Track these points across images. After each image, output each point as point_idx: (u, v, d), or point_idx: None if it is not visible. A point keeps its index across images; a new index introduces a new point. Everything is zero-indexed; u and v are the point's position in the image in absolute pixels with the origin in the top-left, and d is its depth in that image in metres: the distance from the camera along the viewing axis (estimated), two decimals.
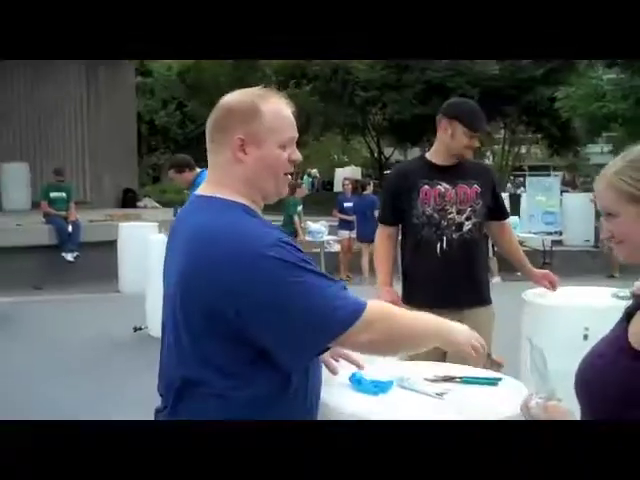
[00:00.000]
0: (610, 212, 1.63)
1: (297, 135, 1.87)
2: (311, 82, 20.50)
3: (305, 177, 29.20)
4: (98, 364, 6.46)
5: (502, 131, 24.62)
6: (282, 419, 1.72)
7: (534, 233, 13.34)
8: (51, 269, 11.12)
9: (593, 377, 1.63)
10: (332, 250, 12.79)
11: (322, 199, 18.82)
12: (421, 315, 1.93)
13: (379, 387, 2.12)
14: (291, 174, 1.89)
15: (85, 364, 6.47)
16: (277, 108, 1.82)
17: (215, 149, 1.84)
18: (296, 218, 11.97)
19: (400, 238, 3.78)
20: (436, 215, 3.56)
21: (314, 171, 31.83)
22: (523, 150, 27.47)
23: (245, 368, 1.72)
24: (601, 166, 1.75)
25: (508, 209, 4.15)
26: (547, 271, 3.94)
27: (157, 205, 17.09)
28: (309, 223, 12.43)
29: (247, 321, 1.66)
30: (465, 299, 3.55)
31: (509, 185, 27.09)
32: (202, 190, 1.86)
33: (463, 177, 3.61)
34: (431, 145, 3.90)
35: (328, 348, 1.76)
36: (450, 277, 3.53)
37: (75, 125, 16.14)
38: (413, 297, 3.59)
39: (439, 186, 3.57)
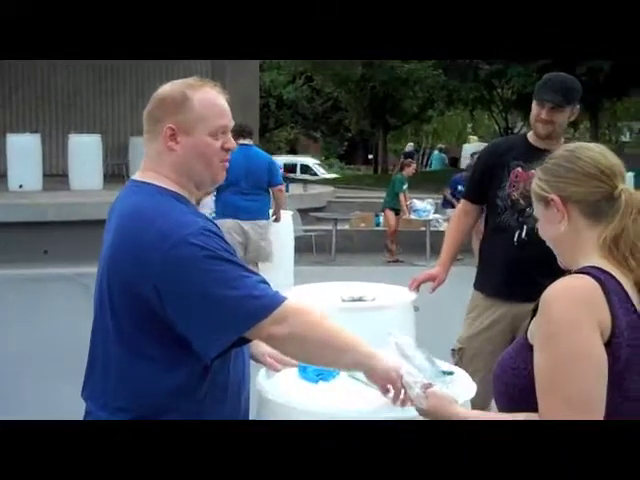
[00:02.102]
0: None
1: (231, 123, 1.91)
2: None
3: (436, 153, 28.73)
4: None
5: None
6: (199, 408, 1.80)
7: None
8: None
9: (498, 371, 1.70)
10: (440, 229, 12.65)
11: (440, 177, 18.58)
12: (345, 329, 1.84)
13: (322, 375, 2.19)
14: (226, 160, 1.90)
15: None
16: (207, 97, 1.87)
17: (149, 139, 1.91)
18: (401, 196, 11.99)
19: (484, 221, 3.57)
20: (522, 201, 3.24)
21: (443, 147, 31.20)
22: None
23: (162, 352, 1.78)
24: None
25: None
26: None
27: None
28: (415, 201, 12.39)
29: (163, 302, 1.72)
30: (534, 293, 3.34)
31: None
32: (137, 176, 1.93)
33: None
34: None
35: (245, 339, 1.78)
36: (523, 269, 3.19)
37: None
38: (482, 283, 3.46)
39: (533, 171, 3.35)
